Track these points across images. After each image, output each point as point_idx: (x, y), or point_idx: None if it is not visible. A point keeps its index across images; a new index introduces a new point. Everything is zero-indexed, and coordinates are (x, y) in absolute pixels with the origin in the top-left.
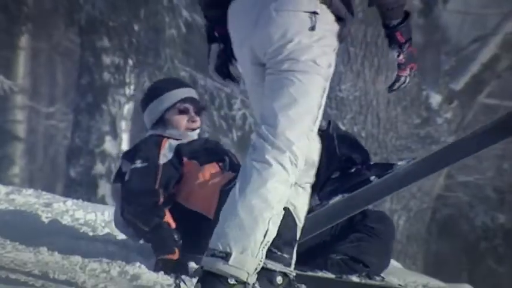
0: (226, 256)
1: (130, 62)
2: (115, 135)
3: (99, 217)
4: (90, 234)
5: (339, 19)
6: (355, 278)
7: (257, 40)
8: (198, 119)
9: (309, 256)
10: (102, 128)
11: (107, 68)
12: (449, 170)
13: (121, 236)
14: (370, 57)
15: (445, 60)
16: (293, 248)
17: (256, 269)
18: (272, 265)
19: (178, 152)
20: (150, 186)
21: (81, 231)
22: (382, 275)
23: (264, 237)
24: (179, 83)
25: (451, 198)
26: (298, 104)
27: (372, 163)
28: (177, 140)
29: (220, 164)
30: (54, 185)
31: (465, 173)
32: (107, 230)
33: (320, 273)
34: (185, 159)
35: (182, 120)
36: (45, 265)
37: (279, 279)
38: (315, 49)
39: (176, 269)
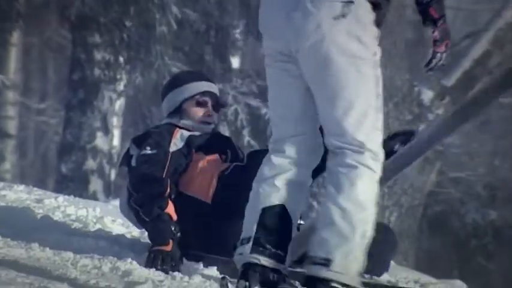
0: (328, 263)
1: (121, 58)
2: (106, 131)
3: (90, 213)
4: (82, 230)
5: (375, 6)
6: None
7: (291, 33)
8: (214, 114)
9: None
10: (93, 124)
11: (98, 64)
12: (441, 166)
13: (113, 232)
14: None
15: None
16: (287, 245)
17: (359, 271)
18: (266, 262)
19: (189, 142)
20: (158, 175)
21: (73, 227)
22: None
23: (363, 239)
24: (202, 76)
25: (442, 195)
26: (356, 106)
27: (391, 133)
28: (189, 131)
29: (223, 156)
30: (45, 181)
31: (457, 169)
32: (98, 226)
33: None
34: (194, 151)
35: (199, 112)
36: (37, 261)
37: (273, 276)
38: (355, 41)
39: (166, 261)
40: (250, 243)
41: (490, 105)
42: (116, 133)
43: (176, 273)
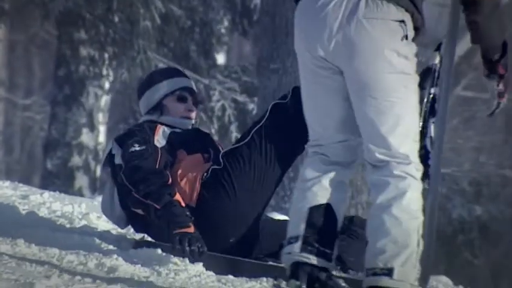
0: (389, 272)
1: (106, 54)
2: (92, 127)
3: (76, 209)
4: (67, 226)
5: (415, 28)
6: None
7: (340, 44)
8: (195, 110)
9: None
10: (79, 120)
11: (84, 60)
12: None
13: (98, 228)
14: None
15: (422, 51)
16: (334, 243)
17: (416, 278)
18: (315, 260)
19: (170, 140)
20: (155, 167)
21: (58, 223)
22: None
23: (418, 246)
24: (180, 73)
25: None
26: (403, 121)
27: None
28: (170, 127)
29: (205, 155)
30: (31, 177)
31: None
32: (83, 222)
33: None
34: (176, 148)
35: (180, 108)
36: (22, 257)
37: (322, 275)
38: (403, 59)
39: (193, 242)
40: (299, 242)
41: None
42: (102, 129)
43: (162, 269)
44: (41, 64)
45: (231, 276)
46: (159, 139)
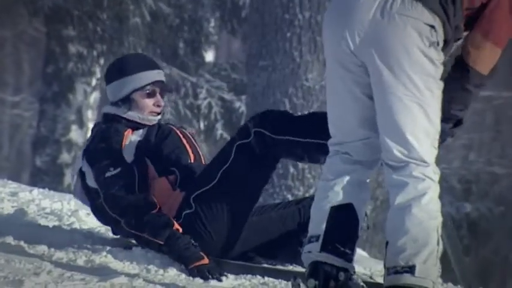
0: (410, 269)
1: (95, 51)
2: (81, 124)
3: (65, 206)
4: (56, 223)
5: (445, 41)
6: None
7: (370, 37)
8: (162, 102)
9: (277, 248)
10: (68, 117)
11: (73, 57)
12: None
13: (87, 225)
14: None
15: None
16: (354, 244)
17: (438, 276)
18: (335, 260)
19: (138, 152)
20: (135, 191)
21: (47, 220)
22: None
23: (438, 245)
24: (152, 64)
25: None
26: (424, 124)
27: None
28: (136, 123)
29: (171, 177)
30: (20, 174)
31: None
32: (73, 219)
33: (290, 267)
34: (144, 162)
35: (149, 104)
36: (11, 254)
37: (341, 275)
38: (430, 63)
39: (213, 273)
40: (320, 242)
41: None
42: (91, 126)
43: (151, 266)
44: (30, 61)
45: None
46: (127, 153)
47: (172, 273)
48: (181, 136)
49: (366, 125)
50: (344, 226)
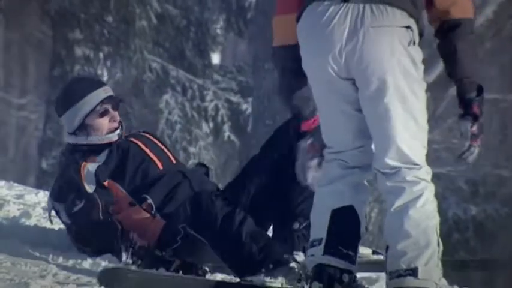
0: (413, 272)
1: (101, 54)
2: None
3: None
4: (62, 226)
5: (420, 34)
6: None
7: (351, 56)
8: (117, 116)
9: (274, 231)
10: None
11: (79, 60)
12: None
13: None
14: None
15: None
16: (357, 245)
17: (439, 277)
18: (339, 263)
19: (98, 179)
20: (99, 218)
21: (53, 222)
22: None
23: (438, 245)
24: (95, 84)
25: None
26: (413, 128)
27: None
28: (100, 146)
29: (144, 204)
30: (25, 176)
31: (438, 165)
32: None
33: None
34: (106, 182)
35: (103, 123)
36: (17, 257)
37: (345, 277)
38: (413, 65)
39: (193, 271)
40: (322, 245)
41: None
42: None
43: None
44: (36, 63)
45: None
46: (87, 184)
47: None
48: (142, 146)
49: (360, 136)
50: (346, 228)
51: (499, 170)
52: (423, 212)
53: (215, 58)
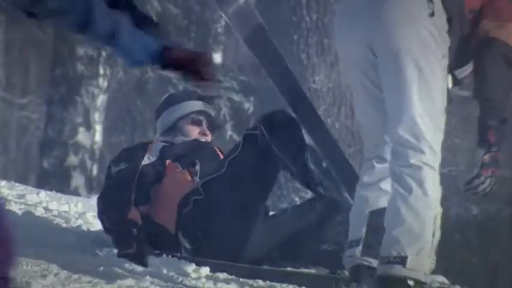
0: (402, 261)
1: (103, 53)
2: (88, 126)
3: (72, 208)
4: (64, 225)
5: (448, 20)
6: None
7: (371, 24)
8: (209, 133)
9: (299, 248)
10: (75, 120)
11: (81, 60)
12: None
13: (95, 228)
14: None
15: None
16: None
17: (431, 268)
18: (376, 263)
19: (162, 154)
20: (127, 185)
21: (55, 222)
22: None
23: (433, 236)
24: (198, 96)
25: None
26: (428, 105)
27: None
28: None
29: (192, 169)
30: (27, 176)
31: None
32: (80, 222)
33: (313, 270)
34: (168, 161)
35: (194, 131)
36: (18, 257)
37: None
38: (430, 38)
39: (134, 259)
40: (360, 246)
41: None
42: (98, 128)
43: (158, 268)
44: (37, 63)
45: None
46: (151, 155)
47: (180, 276)
48: (219, 153)
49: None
50: (384, 230)
51: (501, 170)
52: (423, 200)
53: (217, 57)
